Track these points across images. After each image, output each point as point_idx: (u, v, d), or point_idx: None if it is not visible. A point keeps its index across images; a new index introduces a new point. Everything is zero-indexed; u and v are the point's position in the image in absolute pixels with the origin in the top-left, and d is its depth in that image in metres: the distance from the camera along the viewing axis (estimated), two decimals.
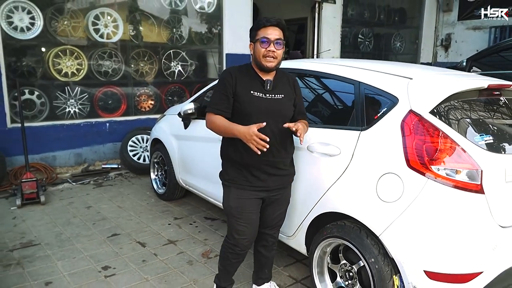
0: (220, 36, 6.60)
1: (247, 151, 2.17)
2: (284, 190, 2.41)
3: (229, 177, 2.33)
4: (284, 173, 2.34)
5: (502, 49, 5.77)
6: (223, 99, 2.20)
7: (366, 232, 2.24)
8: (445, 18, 10.06)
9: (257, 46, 2.19)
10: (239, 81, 2.21)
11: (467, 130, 2.14)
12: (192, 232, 3.64)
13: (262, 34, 2.17)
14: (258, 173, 2.26)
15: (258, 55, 2.19)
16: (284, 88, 2.28)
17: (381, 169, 2.18)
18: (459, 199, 2.00)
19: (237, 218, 2.30)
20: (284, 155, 2.31)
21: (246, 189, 2.28)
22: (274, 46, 2.16)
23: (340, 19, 8.17)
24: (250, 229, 2.32)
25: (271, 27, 2.17)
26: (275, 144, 2.23)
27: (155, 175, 4.61)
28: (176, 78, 6.32)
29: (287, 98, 2.26)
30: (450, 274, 2.01)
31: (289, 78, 2.37)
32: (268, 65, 2.18)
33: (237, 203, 2.30)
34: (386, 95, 2.31)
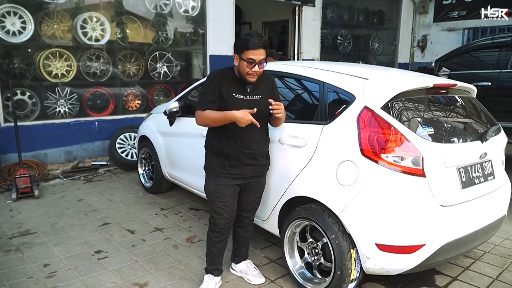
0: (204, 38, 6.89)
1: (229, 143, 2.54)
2: (260, 178, 2.74)
3: (210, 165, 2.67)
4: (259, 163, 2.67)
5: (469, 50, 6.18)
6: (211, 98, 2.50)
7: (328, 213, 2.57)
8: (421, 20, 10.51)
9: (243, 64, 2.42)
10: (223, 84, 2.51)
11: (412, 123, 2.49)
12: (177, 221, 3.95)
13: (249, 55, 2.38)
14: (236, 163, 2.59)
15: (243, 71, 2.45)
16: (262, 89, 2.59)
17: (340, 158, 2.52)
18: (404, 182, 2.35)
19: (215, 201, 2.64)
20: (260, 148, 2.64)
21: (224, 176, 2.61)
22: (258, 66, 2.43)
23: (320, 22, 8.53)
24: (227, 210, 2.65)
25: (259, 49, 2.38)
26: (254, 138, 2.57)
27: (143, 170, 4.89)
28: (162, 78, 6.60)
29: (264, 98, 2.56)
30: (397, 246, 2.37)
31: (267, 79, 2.67)
32: (251, 80, 2.48)
33: (215, 188, 2.63)
34: (346, 94, 2.65)
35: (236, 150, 2.57)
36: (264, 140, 2.67)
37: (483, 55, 5.94)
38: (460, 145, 2.57)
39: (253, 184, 2.72)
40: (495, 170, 2.86)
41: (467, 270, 3.12)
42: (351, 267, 2.49)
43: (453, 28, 9.91)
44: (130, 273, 2.95)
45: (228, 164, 2.60)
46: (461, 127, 2.74)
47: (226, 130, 2.54)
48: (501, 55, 5.63)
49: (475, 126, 2.81)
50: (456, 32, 9.85)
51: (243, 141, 2.56)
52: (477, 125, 2.84)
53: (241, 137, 2.55)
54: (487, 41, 6.05)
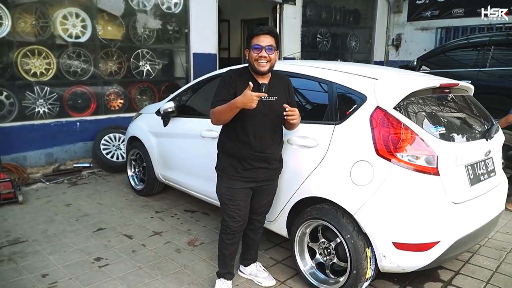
0: (187, 36, 6.77)
1: (243, 145, 2.49)
2: (272, 181, 2.70)
3: (222, 167, 2.61)
4: (272, 167, 2.63)
5: (447, 50, 6.37)
6: (224, 97, 2.43)
7: (342, 213, 2.57)
8: (395, 19, 10.75)
9: (251, 52, 2.44)
10: (238, 83, 2.46)
11: (424, 122, 2.53)
12: (175, 224, 3.86)
13: (255, 42, 2.41)
14: (249, 166, 2.54)
15: (252, 60, 2.44)
16: (278, 90, 2.55)
17: (354, 158, 2.52)
18: (419, 181, 2.39)
19: (228, 205, 2.59)
20: (274, 151, 2.60)
21: (236, 179, 2.56)
22: (266, 51, 2.41)
23: (300, 20, 8.57)
24: (240, 214, 2.60)
25: (263, 35, 2.42)
26: (268, 140, 2.53)
27: (132, 172, 4.75)
28: (145, 77, 6.43)
29: (280, 100, 2.52)
30: (413, 244, 2.40)
31: (283, 80, 2.63)
32: (261, 69, 2.43)
33: (227, 191, 2.58)
34: (356, 94, 2.66)
35: (250, 154, 2.52)
36: (278, 144, 2.64)
37: (462, 55, 6.14)
38: (469, 144, 2.63)
39: (266, 188, 2.68)
40: (496, 166, 2.96)
41: (467, 264, 3.21)
42: (366, 266, 2.51)
43: (426, 27, 10.20)
44: (136, 280, 2.85)
45: (240, 167, 2.56)
46: (467, 125, 2.81)
47: (240, 132, 2.50)
48: (480, 54, 5.84)
49: (479, 124, 2.89)
50: (429, 31, 10.14)
51: (257, 144, 2.51)
52: (480, 123, 2.92)
53: (255, 140, 2.50)
54: (465, 41, 6.25)
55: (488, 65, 5.67)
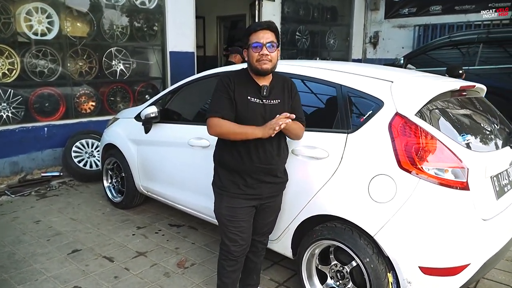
0: (163, 33, 6.34)
1: (245, 157, 2.17)
2: (277, 197, 2.39)
3: (222, 184, 2.27)
4: (278, 181, 2.32)
5: (434, 48, 6.24)
6: (226, 103, 2.15)
7: (359, 233, 2.29)
8: (372, 17, 10.64)
9: (250, 51, 2.14)
10: (237, 86, 2.17)
11: (450, 130, 2.27)
12: (160, 241, 3.48)
13: (254, 39, 2.13)
14: (252, 181, 2.22)
15: (252, 60, 2.14)
16: (280, 93, 2.25)
17: (373, 171, 2.24)
18: (448, 197, 2.12)
19: (229, 227, 2.26)
20: (279, 162, 2.29)
21: (239, 197, 2.24)
22: (267, 49, 2.12)
23: (280, 17, 8.28)
24: (243, 237, 2.28)
25: (262, 30, 2.13)
26: (273, 151, 2.22)
27: (109, 182, 4.32)
28: (118, 77, 5.96)
29: (283, 103, 2.23)
30: (443, 268, 2.14)
31: (286, 82, 2.33)
32: (264, 67, 2.13)
33: (228, 211, 2.25)
34: (371, 98, 2.38)
35: (253, 166, 2.20)
36: (283, 153, 2.32)
37: (450, 52, 6.02)
38: (496, 153, 2.41)
39: (269, 205, 2.36)
40: None
41: (482, 278, 3.00)
42: None
43: (404, 25, 10.13)
44: None
45: (243, 183, 2.23)
46: (490, 131, 2.58)
47: (240, 142, 2.17)
48: (468, 52, 5.72)
49: (500, 130, 2.67)
50: (407, 29, 10.08)
51: (260, 155, 2.19)
52: (500, 128, 2.70)
53: (258, 150, 2.19)
54: (453, 39, 6.14)
55: (477, 63, 5.55)
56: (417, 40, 9.82)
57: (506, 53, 5.49)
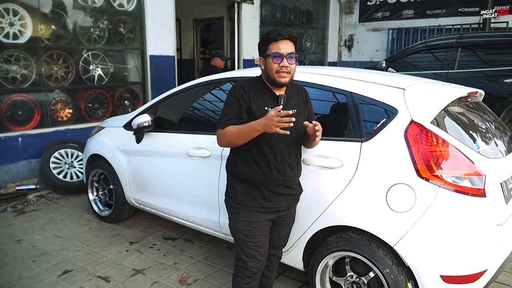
0: (142, 36, 6.13)
1: (261, 168, 2.08)
2: (292, 209, 2.31)
3: (237, 197, 2.17)
4: (294, 192, 2.25)
5: (412, 52, 6.34)
6: (236, 114, 2.06)
7: (376, 243, 2.24)
8: (347, 20, 10.76)
9: (269, 61, 2.05)
10: (253, 97, 2.08)
11: (464, 137, 2.26)
12: (156, 257, 3.31)
13: (274, 49, 2.04)
14: (269, 193, 2.13)
15: (271, 71, 2.06)
16: (296, 102, 2.18)
17: (390, 180, 2.19)
18: (467, 204, 2.11)
19: (246, 242, 2.16)
20: (296, 173, 2.21)
21: (256, 211, 2.14)
22: (287, 61, 2.04)
23: (258, 20, 8.21)
24: (260, 252, 2.19)
25: (283, 40, 2.04)
26: (290, 161, 2.14)
27: (95, 195, 4.10)
28: (96, 82, 5.71)
29: (300, 113, 2.16)
30: (464, 276, 2.12)
31: (301, 91, 2.26)
32: (282, 81, 2.06)
33: (246, 225, 2.15)
34: (383, 106, 2.34)
35: (270, 178, 2.11)
36: (300, 164, 2.25)
37: (430, 56, 6.13)
38: (506, 158, 2.41)
39: (285, 217, 2.28)
40: None
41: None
42: None
43: (378, 28, 10.30)
44: None
45: (260, 195, 2.13)
46: (497, 137, 2.59)
47: (257, 153, 2.08)
48: (448, 55, 5.84)
49: (504, 135, 2.69)
50: (381, 32, 10.25)
51: (278, 167, 2.11)
52: (504, 133, 2.73)
53: (276, 161, 2.10)
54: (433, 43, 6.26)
55: (456, 66, 5.68)
56: (391, 43, 10.01)
57: (485, 57, 5.64)
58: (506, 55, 5.34)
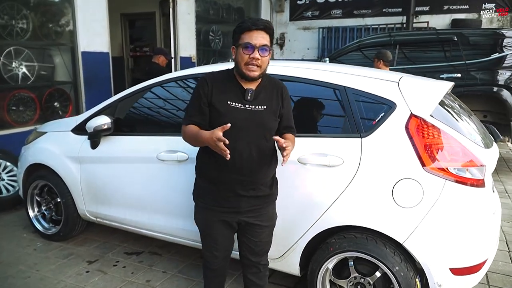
0: (73, 31, 5.53)
1: (218, 166, 1.97)
2: (261, 211, 2.09)
3: (197, 193, 2.15)
4: (259, 194, 2.05)
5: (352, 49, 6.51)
6: (197, 110, 1.99)
7: (383, 242, 2.17)
8: (278, 18, 10.85)
9: (240, 51, 1.92)
10: (216, 90, 1.97)
11: (462, 129, 2.28)
12: (124, 275, 2.94)
13: (246, 39, 1.90)
14: (227, 193, 2.02)
15: (240, 62, 1.92)
16: (268, 98, 2.02)
17: (396, 176, 2.14)
18: (470, 195, 2.13)
19: (205, 237, 2.17)
20: (263, 175, 2.04)
21: (213, 209, 2.07)
22: (259, 52, 1.89)
23: (194, 16, 7.90)
24: (218, 248, 2.13)
25: (257, 31, 1.90)
26: (253, 162, 1.98)
27: (37, 211, 3.56)
28: (21, 82, 5.02)
29: (270, 110, 2.00)
30: (470, 267, 2.14)
31: (277, 87, 2.08)
32: (250, 75, 1.92)
33: (202, 222, 2.14)
34: (381, 100, 2.28)
35: (231, 177, 1.98)
36: (268, 164, 2.05)
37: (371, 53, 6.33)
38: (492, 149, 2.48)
39: (255, 222, 2.08)
40: None
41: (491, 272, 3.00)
42: None
43: (308, 27, 10.53)
44: None
45: (219, 194, 2.04)
46: (481, 129, 2.65)
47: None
48: None
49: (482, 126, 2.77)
50: (311, 31, 10.49)
51: (240, 166, 1.95)
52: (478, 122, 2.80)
53: (238, 160, 1.94)
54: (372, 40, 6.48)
55: (395, 63, 5.93)
56: (322, 41, 10.30)
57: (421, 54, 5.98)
58: (441, 52, 5.69)
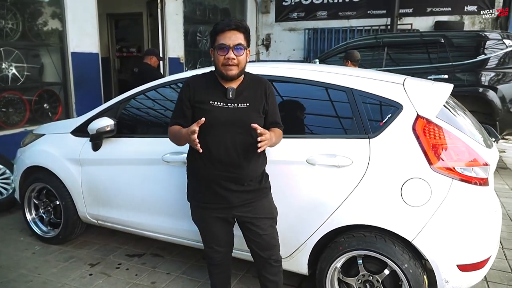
0: (63, 31, 5.44)
1: (204, 163, 2.06)
2: (255, 205, 2.13)
3: (189, 193, 2.24)
4: (249, 188, 2.10)
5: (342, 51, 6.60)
6: (180, 112, 2.10)
7: (392, 240, 2.24)
8: (264, 19, 10.90)
9: (216, 53, 2.00)
10: (198, 91, 2.06)
11: (466, 130, 2.36)
12: (128, 277, 2.93)
13: (220, 40, 1.97)
14: (218, 189, 2.08)
15: (218, 63, 2.00)
16: (251, 95, 2.07)
17: (404, 175, 2.20)
18: (476, 194, 2.21)
19: (203, 233, 2.27)
20: (252, 171, 2.09)
21: (205, 207, 2.16)
22: (234, 52, 1.95)
23: (182, 17, 7.88)
24: (218, 243, 2.23)
25: (230, 31, 1.97)
26: (239, 158, 2.04)
27: (34, 214, 3.50)
28: (11, 83, 4.92)
29: (253, 107, 2.06)
30: (476, 263, 2.22)
31: (260, 84, 2.13)
32: (229, 74, 1.98)
33: (199, 221, 2.25)
34: (387, 101, 2.35)
35: (216, 174, 2.05)
36: (255, 160, 2.09)
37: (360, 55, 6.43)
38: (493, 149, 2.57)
39: (251, 216, 2.12)
40: None
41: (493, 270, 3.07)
42: None
43: (294, 28, 10.62)
44: None
45: (208, 191, 2.10)
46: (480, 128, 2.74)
47: (203, 147, 1.95)
48: (375, 54, 6.21)
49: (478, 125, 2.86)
50: (297, 32, 10.57)
51: (224, 162, 2.03)
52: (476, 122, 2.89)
53: (221, 156, 2.01)
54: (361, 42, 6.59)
55: (384, 64, 6.05)
56: (308, 42, 10.39)
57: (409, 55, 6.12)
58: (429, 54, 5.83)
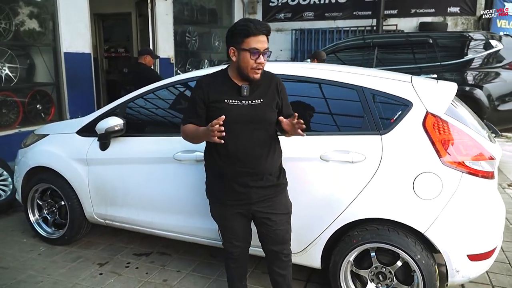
0: (55, 31, 5.38)
1: (223, 160, 2.10)
2: (273, 200, 2.18)
3: (209, 190, 2.28)
4: (268, 184, 2.15)
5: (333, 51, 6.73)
6: (193, 113, 2.12)
7: (404, 232, 2.32)
8: None
9: (245, 56, 1.99)
10: (212, 91, 2.08)
11: (472, 125, 2.47)
12: (140, 276, 2.94)
13: (252, 44, 1.97)
14: (235, 185, 2.12)
15: (246, 67, 2.01)
16: (264, 91, 2.12)
17: (416, 170, 2.29)
18: (484, 186, 2.33)
19: (223, 230, 2.33)
20: (269, 165, 2.14)
21: (226, 204, 2.19)
22: (263, 57, 2.01)
23: (172, 17, 7.87)
24: (237, 238, 2.28)
25: (263, 36, 1.99)
26: (257, 154, 2.09)
27: (38, 215, 3.46)
28: (4, 84, 4.85)
29: (267, 103, 2.11)
30: (484, 253, 2.33)
31: (272, 80, 2.18)
32: (256, 77, 2.04)
33: (219, 217, 2.30)
34: (397, 99, 2.43)
35: (235, 170, 2.10)
36: (272, 155, 2.15)
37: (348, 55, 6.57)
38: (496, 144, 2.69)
39: (269, 211, 2.17)
40: None
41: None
42: (437, 284, 2.33)
43: (281, 29, 10.71)
44: None
45: (228, 188, 2.14)
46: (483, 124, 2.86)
47: (220, 144, 1.99)
48: (365, 55, 6.35)
49: None
50: (284, 33, 10.67)
51: (242, 158, 2.07)
52: None
53: (239, 153, 2.07)
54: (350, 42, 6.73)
55: (374, 64, 6.19)
56: (295, 43, 10.51)
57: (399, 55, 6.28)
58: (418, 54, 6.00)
